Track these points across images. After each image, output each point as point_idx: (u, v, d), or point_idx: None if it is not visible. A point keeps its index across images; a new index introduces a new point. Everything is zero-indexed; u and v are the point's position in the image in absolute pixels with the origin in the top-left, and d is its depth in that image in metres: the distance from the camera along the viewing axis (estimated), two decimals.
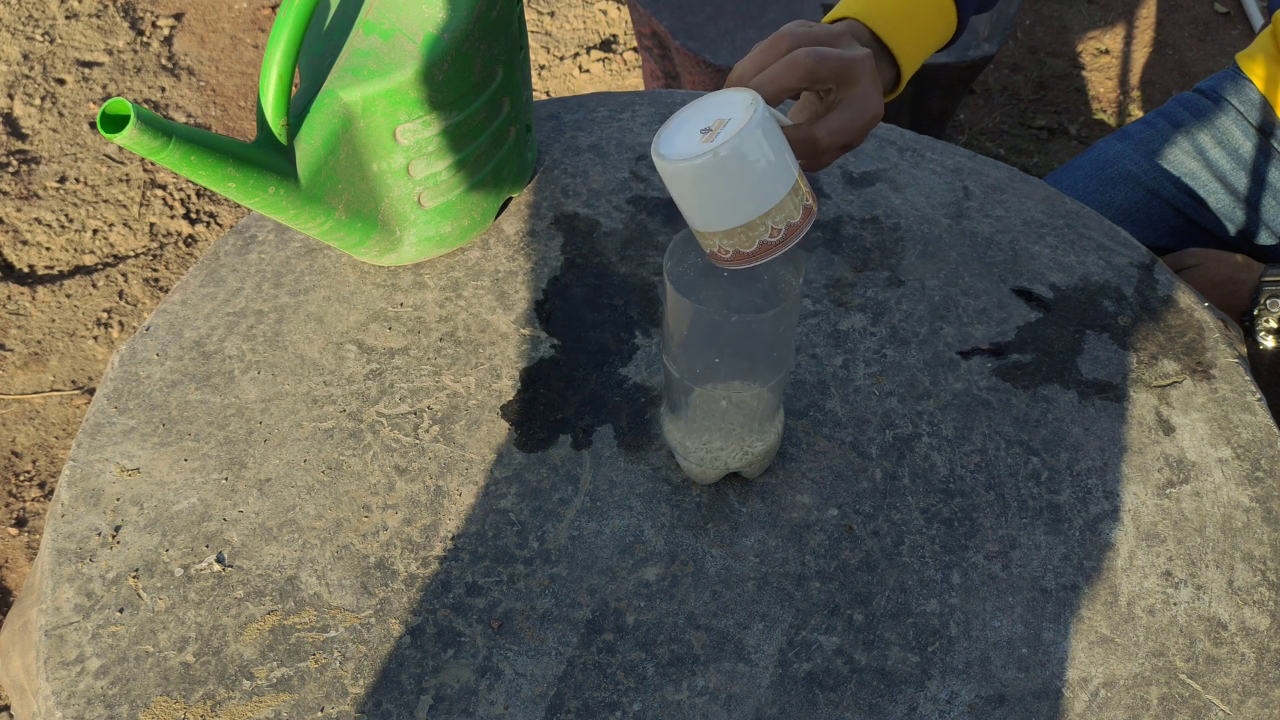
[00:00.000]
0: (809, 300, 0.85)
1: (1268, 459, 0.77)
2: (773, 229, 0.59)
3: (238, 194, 0.67)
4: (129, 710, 0.64)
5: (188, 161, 0.63)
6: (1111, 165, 1.15)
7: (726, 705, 0.65)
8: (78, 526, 0.71)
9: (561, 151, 0.95)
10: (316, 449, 0.75)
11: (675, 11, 1.45)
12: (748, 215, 0.58)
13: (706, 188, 0.58)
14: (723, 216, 0.59)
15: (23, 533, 1.45)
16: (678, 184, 0.59)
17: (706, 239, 0.61)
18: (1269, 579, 0.71)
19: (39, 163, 1.85)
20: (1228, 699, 0.66)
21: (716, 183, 0.57)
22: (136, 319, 1.66)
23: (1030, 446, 0.77)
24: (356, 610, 0.68)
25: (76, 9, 2.09)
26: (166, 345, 0.81)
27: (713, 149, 0.56)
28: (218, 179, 0.65)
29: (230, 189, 0.66)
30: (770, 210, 0.59)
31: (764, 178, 0.58)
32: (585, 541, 0.71)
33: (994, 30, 1.46)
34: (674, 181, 0.59)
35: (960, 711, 0.65)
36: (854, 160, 0.96)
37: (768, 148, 0.58)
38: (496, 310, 0.83)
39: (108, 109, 0.60)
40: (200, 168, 0.64)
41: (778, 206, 0.59)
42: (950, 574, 0.71)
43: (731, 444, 0.70)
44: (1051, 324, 0.84)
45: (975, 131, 1.93)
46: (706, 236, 0.61)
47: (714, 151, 0.56)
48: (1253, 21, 2.20)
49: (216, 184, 0.66)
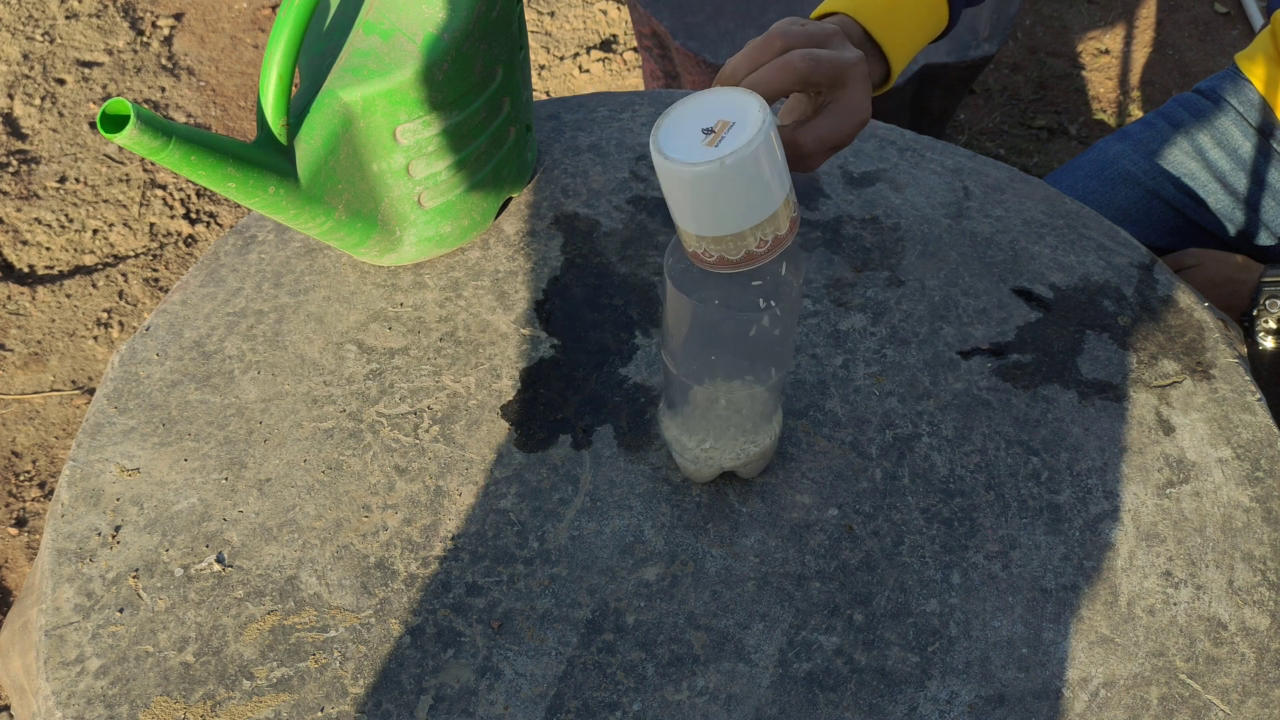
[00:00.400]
0: (809, 300, 0.85)
1: (1268, 459, 0.77)
2: (760, 240, 0.59)
3: (238, 194, 0.67)
4: (129, 710, 0.64)
5: (187, 161, 0.63)
6: (1111, 166, 1.15)
7: (726, 705, 0.65)
8: (78, 526, 0.71)
9: (561, 151, 0.95)
10: (316, 449, 0.75)
11: (675, 11, 1.45)
12: (739, 226, 0.58)
13: (704, 194, 0.57)
14: (715, 224, 0.58)
15: (23, 533, 1.45)
16: (675, 185, 0.58)
17: (691, 239, 0.60)
18: (1269, 579, 0.71)
19: (39, 163, 1.85)
20: (1228, 699, 0.66)
21: (715, 191, 0.57)
22: (136, 319, 1.66)
23: (1030, 446, 0.77)
24: (356, 610, 0.68)
25: (76, 9, 2.09)
26: (166, 345, 0.81)
27: (719, 158, 0.55)
28: (218, 179, 0.65)
29: (230, 189, 0.66)
30: (762, 223, 0.58)
31: (762, 191, 0.57)
32: (585, 541, 0.71)
33: (994, 30, 1.46)
34: (671, 182, 0.58)
35: (960, 711, 0.65)
36: (854, 160, 0.96)
37: (771, 162, 0.57)
38: (496, 310, 0.83)
39: (108, 109, 0.60)
40: (200, 168, 0.64)
41: (769, 219, 0.58)
42: (950, 574, 0.71)
43: (727, 443, 0.70)
44: (1051, 324, 0.84)
45: (975, 131, 1.93)
46: (692, 237, 0.60)
47: (720, 161, 0.55)
48: (1253, 22, 2.20)
49: (216, 184, 0.66)
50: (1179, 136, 1.14)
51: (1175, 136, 1.14)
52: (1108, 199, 1.14)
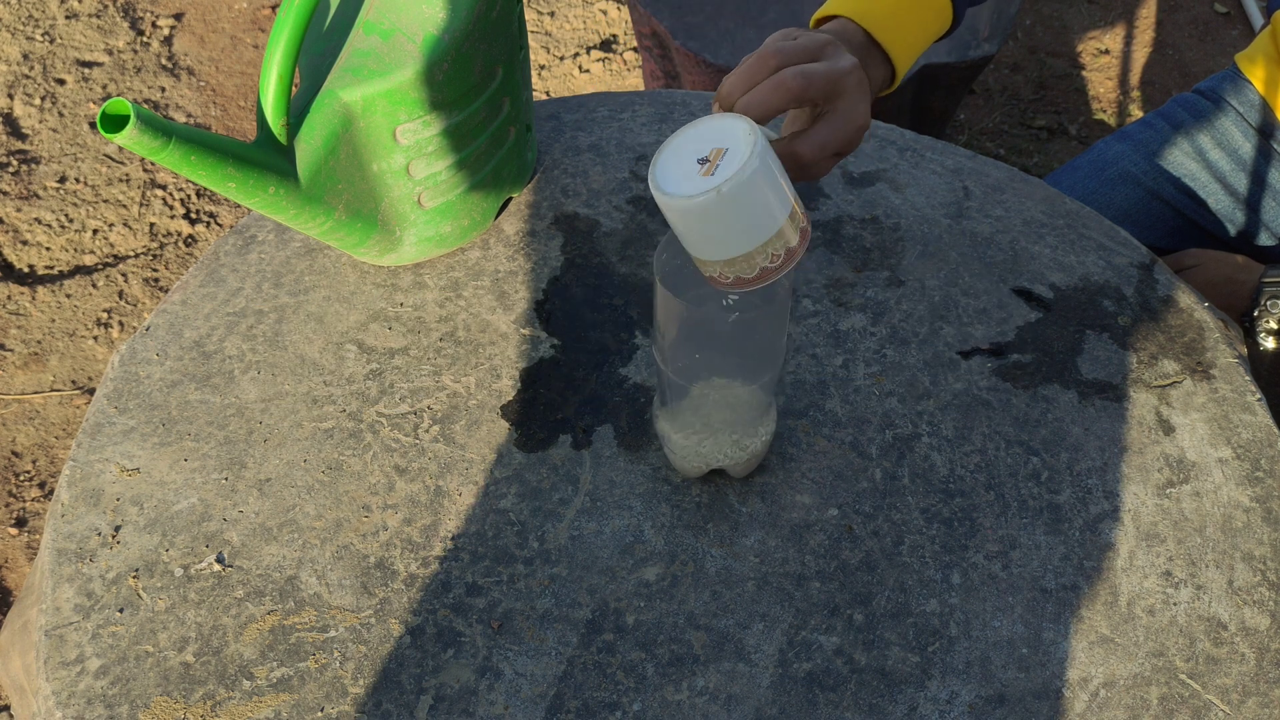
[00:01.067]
0: (809, 300, 0.85)
1: (1268, 459, 0.77)
2: (772, 255, 0.60)
3: (238, 194, 0.67)
4: (129, 710, 0.64)
5: (187, 161, 0.63)
6: (1111, 166, 1.15)
7: (726, 705, 0.65)
8: (78, 526, 0.71)
9: (561, 151, 0.95)
10: (316, 449, 0.75)
11: (675, 11, 1.45)
12: (748, 246, 0.59)
13: (708, 223, 0.58)
14: (724, 248, 0.59)
15: (23, 533, 1.45)
16: (677, 218, 0.59)
17: (706, 265, 0.61)
18: (1269, 579, 0.71)
19: (39, 163, 1.85)
20: (1228, 699, 0.66)
21: (718, 218, 0.58)
22: (136, 319, 1.66)
23: (1030, 446, 0.77)
24: (356, 610, 0.68)
25: (76, 9, 2.09)
26: (166, 345, 0.81)
27: (715, 187, 0.56)
28: (218, 179, 0.65)
29: (230, 189, 0.66)
30: (770, 239, 0.59)
31: (764, 210, 0.58)
32: (585, 541, 0.71)
33: (994, 30, 1.46)
34: (673, 215, 0.59)
35: (960, 711, 0.65)
36: (854, 160, 0.96)
37: (767, 181, 0.58)
38: (496, 310, 0.83)
39: (108, 109, 0.60)
40: (200, 168, 0.64)
41: (777, 235, 0.59)
42: (950, 574, 0.71)
43: (717, 440, 0.70)
44: (1051, 324, 0.84)
45: (975, 131, 1.93)
46: (706, 264, 0.61)
47: (716, 190, 0.56)
48: (1253, 22, 2.20)
49: (216, 184, 0.66)
50: (1179, 137, 1.14)
51: (1175, 137, 1.14)
52: (1108, 199, 1.14)
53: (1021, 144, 1.92)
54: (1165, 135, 1.15)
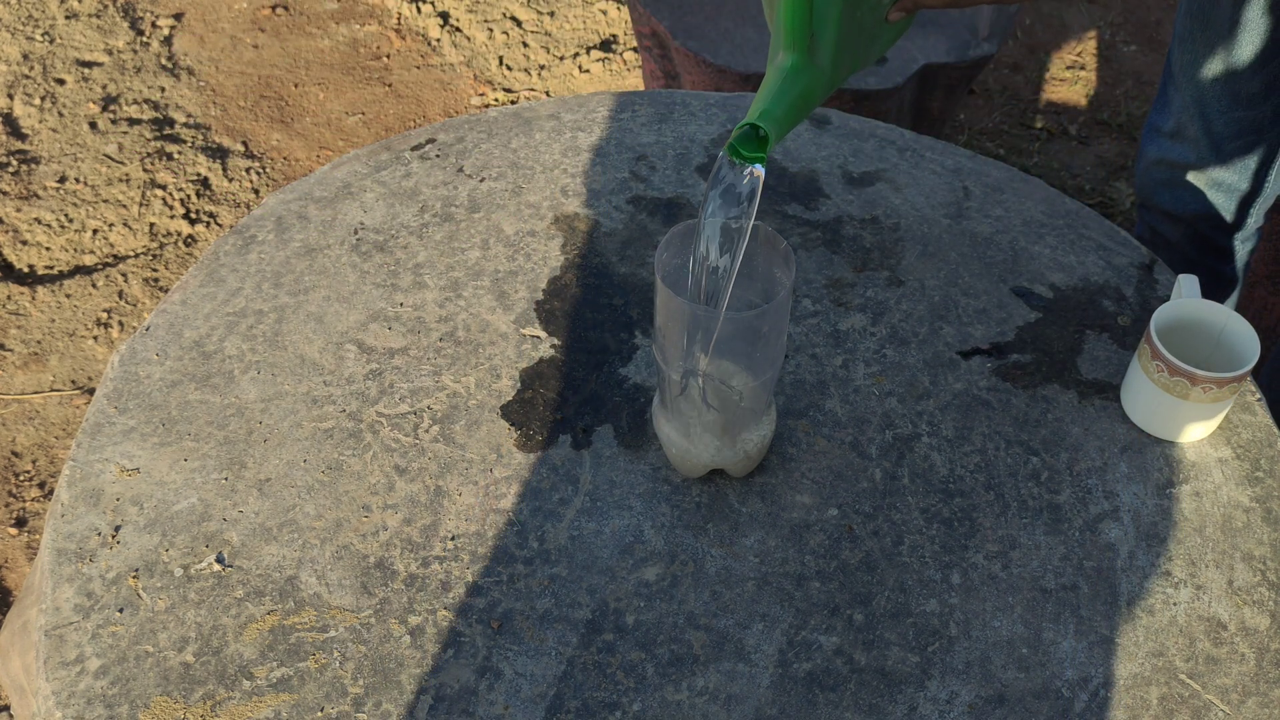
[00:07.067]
0: (809, 300, 0.85)
1: (1268, 459, 0.77)
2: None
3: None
4: (129, 710, 0.64)
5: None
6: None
7: (726, 705, 0.65)
8: (78, 526, 0.71)
9: (561, 151, 0.95)
10: (316, 449, 0.75)
11: (675, 11, 1.45)
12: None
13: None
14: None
15: (23, 533, 1.45)
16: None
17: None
18: (1269, 579, 0.71)
19: (39, 163, 1.85)
20: (1228, 699, 0.66)
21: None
22: (136, 319, 1.66)
23: (1030, 446, 0.77)
24: (356, 610, 0.68)
25: (76, 9, 2.09)
26: (166, 345, 0.81)
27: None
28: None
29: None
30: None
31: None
32: (585, 541, 0.71)
33: (994, 30, 1.46)
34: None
35: (960, 711, 0.65)
36: (854, 160, 0.96)
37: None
38: (496, 310, 0.83)
39: (744, 133, 0.60)
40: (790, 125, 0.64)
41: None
42: (950, 574, 0.71)
43: (714, 439, 0.70)
44: (1051, 324, 0.84)
45: (975, 131, 1.93)
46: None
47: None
48: None
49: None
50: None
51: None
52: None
53: (1021, 144, 1.92)
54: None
